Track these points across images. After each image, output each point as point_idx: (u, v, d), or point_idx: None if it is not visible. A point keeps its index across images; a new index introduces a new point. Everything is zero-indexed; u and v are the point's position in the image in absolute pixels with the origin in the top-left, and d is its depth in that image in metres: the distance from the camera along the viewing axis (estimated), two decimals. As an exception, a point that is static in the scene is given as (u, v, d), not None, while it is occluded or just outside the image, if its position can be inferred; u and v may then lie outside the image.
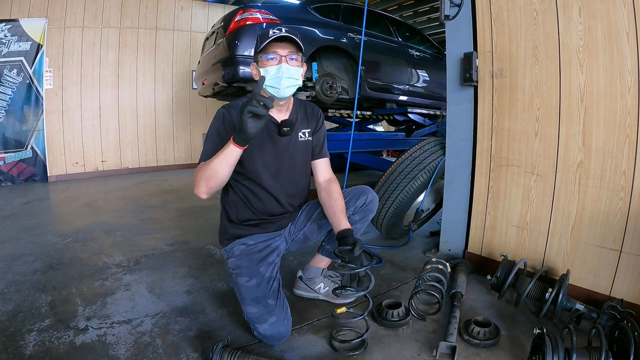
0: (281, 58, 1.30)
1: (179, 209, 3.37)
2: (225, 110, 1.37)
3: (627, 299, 1.43)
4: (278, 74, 1.29)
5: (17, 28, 4.46)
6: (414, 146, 2.37)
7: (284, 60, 1.30)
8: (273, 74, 1.29)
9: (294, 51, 1.32)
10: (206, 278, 1.89)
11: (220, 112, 1.37)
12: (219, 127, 1.36)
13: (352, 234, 1.33)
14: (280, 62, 1.30)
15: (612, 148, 1.45)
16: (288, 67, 1.30)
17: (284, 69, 1.29)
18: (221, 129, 1.35)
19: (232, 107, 1.38)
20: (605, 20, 1.42)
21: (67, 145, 5.01)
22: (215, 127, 1.36)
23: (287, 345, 1.34)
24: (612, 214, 1.47)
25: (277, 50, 1.30)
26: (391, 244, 2.41)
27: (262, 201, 1.45)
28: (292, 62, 1.32)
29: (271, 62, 1.30)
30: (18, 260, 2.10)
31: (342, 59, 3.48)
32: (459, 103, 1.97)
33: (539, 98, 1.65)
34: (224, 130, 1.34)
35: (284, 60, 1.30)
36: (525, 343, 1.32)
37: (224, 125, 1.35)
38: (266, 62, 1.30)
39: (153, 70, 5.58)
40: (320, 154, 1.55)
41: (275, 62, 1.30)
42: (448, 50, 1.98)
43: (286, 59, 1.30)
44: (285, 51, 1.30)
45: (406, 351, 1.31)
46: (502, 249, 1.83)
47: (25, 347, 1.30)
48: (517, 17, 1.68)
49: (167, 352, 1.29)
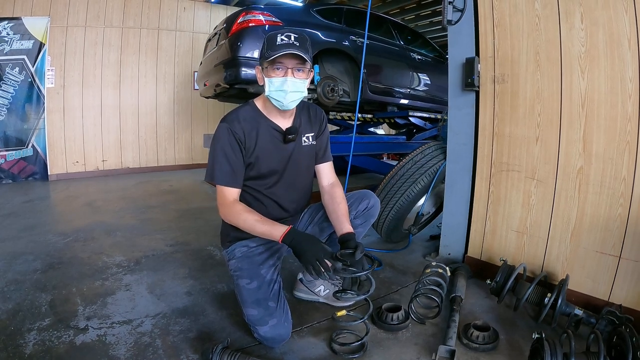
0: (287, 70, 1.27)
1: (179, 209, 3.38)
2: (229, 125, 1.33)
3: (626, 305, 1.44)
4: (283, 87, 1.27)
5: (19, 26, 4.47)
6: (415, 150, 2.38)
7: (289, 73, 1.27)
8: (277, 86, 1.28)
9: (301, 62, 1.28)
10: (206, 279, 1.90)
11: (224, 129, 1.33)
12: (227, 147, 1.32)
13: (354, 237, 1.34)
14: (286, 75, 1.27)
15: (612, 154, 1.46)
16: (294, 81, 1.28)
17: (290, 83, 1.27)
18: (230, 148, 1.32)
19: (235, 121, 1.35)
20: (606, 26, 1.43)
21: (68, 144, 5.01)
22: (223, 147, 1.33)
23: (287, 348, 1.34)
24: (612, 219, 1.48)
25: (283, 62, 1.26)
26: (391, 247, 2.41)
27: (266, 206, 1.46)
28: (299, 73, 1.29)
29: (277, 72, 1.27)
30: (18, 259, 2.10)
31: (344, 62, 3.49)
32: (461, 108, 1.98)
33: (540, 104, 1.66)
34: (233, 148, 1.32)
35: (290, 73, 1.27)
36: (524, 347, 1.33)
37: (233, 142, 1.32)
38: (272, 72, 1.28)
39: (155, 70, 5.58)
40: (324, 157, 1.56)
41: (281, 73, 1.27)
42: (450, 55, 1.99)
43: (292, 71, 1.27)
44: (292, 62, 1.27)
45: (405, 355, 1.31)
46: (501, 254, 1.83)
47: (25, 346, 1.30)
48: (519, 23, 1.69)
49: (167, 353, 1.30)
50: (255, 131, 1.36)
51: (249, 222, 1.27)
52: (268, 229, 1.25)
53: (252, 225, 1.27)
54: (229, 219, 1.34)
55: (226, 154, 1.32)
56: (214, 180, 1.34)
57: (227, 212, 1.33)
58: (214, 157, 1.34)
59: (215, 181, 1.34)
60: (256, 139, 1.37)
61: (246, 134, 1.35)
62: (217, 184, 1.34)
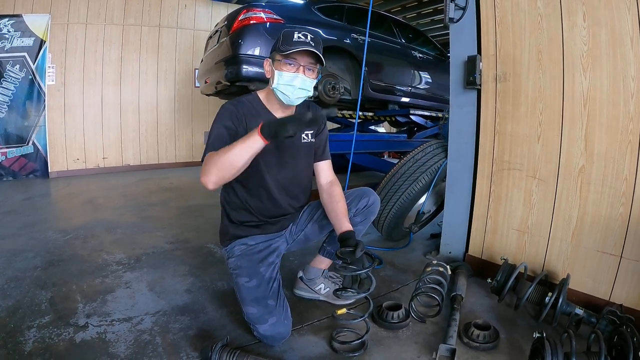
0: (299, 67, 1.28)
1: (179, 207, 3.38)
2: (233, 106, 1.33)
3: (627, 304, 1.43)
4: (292, 82, 1.28)
5: (20, 24, 4.47)
6: (416, 148, 2.37)
7: (301, 70, 1.28)
8: (287, 80, 1.28)
9: (313, 62, 1.30)
10: (207, 277, 1.90)
11: (228, 107, 1.33)
12: (227, 122, 1.30)
13: (354, 235, 1.33)
14: (297, 71, 1.28)
15: (614, 154, 1.46)
16: (304, 79, 1.29)
17: (300, 79, 1.28)
18: (230, 123, 1.30)
19: (240, 104, 1.35)
20: (609, 26, 1.42)
21: (69, 141, 5.01)
22: (223, 121, 1.30)
23: (287, 346, 1.34)
24: (613, 219, 1.48)
25: (297, 58, 1.28)
26: (392, 245, 2.41)
27: (263, 203, 1.45)
28: (309, 72, 1.31)
29: (289, 67, 1.28)
30: (18, 256, 2.10)
31: (345, 60, 3.48)
32: (462, 106, 1.97)
33: (541, 102, 1.65)
34: (232, 125, 1.30)
35: (302, 70, 1.28)
36: (525, 347, 1.32)
37: (232, 120, 1.31)
38: (283, 66, 1.28)
39: (155, 68, 5.58)
40: (323, 155, 1.56)
41: (293, 69, 1.28)
42: (452, 53, 1.98)
43: (304, 69, 1.29)
44: (305, 61, 1.29)
45: (406, 353, 1.31)
46: (502, 253, 1.83)
47: (25, 343, 1.30)
48: (521, 22, 1.68)
49: (167, 350, 1.30)
50: (255, 120, 1.33)
51: (222, 154, 1.13)
52: (244, 144, 1.11)
53: (227, 153, 1.12)
54: (209, 174, 1.13)
55: (226, 127, 1.29)
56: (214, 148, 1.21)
57: (204, 171, 1.15)
58: (213, 131, 1.29)
59: (213, 149, 1.21)
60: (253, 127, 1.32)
61: (247, 120, 1.33)
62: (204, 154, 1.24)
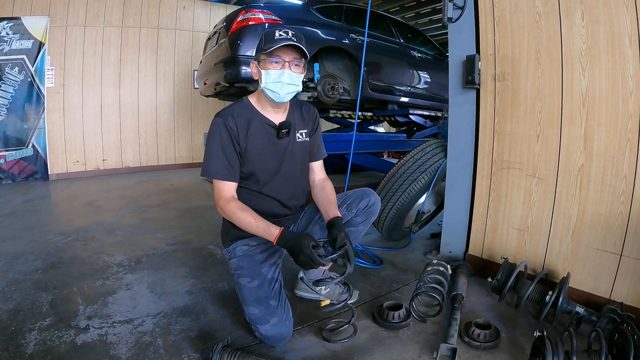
0: (285, 63, 1.29)
1: (179, 208, 3.38)
2: (223, 119, 1.34)
3: (627, 303, 1.44)
4: (280, 79, 1.29)
5: (19, 26, 4.46)
6: (416, 148, 2.37)
7: (287, 66, 1.29)
8: (275, 77, 1.29)
9: (298, 57, 1.31)
10: (207, 278, 1.90)
11: (219, 123, 1.34)
12: (223, 141, 1.33)
13: (341, 221, 1.35)
14: (283, 67, 1.29)
15: (613, 152, 1.46)
16: (291, 74, 1.30)
17: (286, 75, 1.29)
18: (226, 142, 1.33)
19: (229, 116, 1.35)
20: (607, 24, 1.42)
21: (68, 143, 5.01)
22: (219, 141, 1.33)
23: (289, 347, 1.34)
24: (613, 217, 1.48)
25: (281, 55, 1.29)
26: (392, 245, 2.41)
27: (264, 203, 1.45)
28: (295, 68, 1.31)
29: (274, 65, 1.29)
30: (19, 258, 2.10)
31: (344, 60, 3.49)
32: (461, 105, 1.97)
33: (540, 101, 1.65)
34: (229, 142, 1.33)
35: (287, 66, 1.29)
36: (526, 346, 1.33)
37: (227, 137, 1.33)
38: (268, 65, 1.30)
39: (155, 69, 5.58)
40: (318, 155, 1.58)
41: (279, 66, 1.29)
42: (450, 53, 1.99)
43: (290, 64, 1.30)
44: (289, 56, 1.30)
45: (407, 353, 1.31)
46: (502, 252, 1.83)
47: (26, 346, 1.30)
48: (519, 21, 1.69)
49: (168, 352, 1.30)
50: (249, 126, 1.37)
51: (245, 221, 1.29)
52: (263, 230, 1.26)
53: (248, 224, 1.28)
54: (226, 214, 1.34)
55: (222, 148, 1.33)
56: (210, 175, 1.34)
57: (223, 207, 1.33)
58: (209, 152, 1.35)
59: (212, 176, 1.34)
60: (250, 134, 1.37)
61: (240, 129, 1.35)
62: (214, 178, 1.34)
